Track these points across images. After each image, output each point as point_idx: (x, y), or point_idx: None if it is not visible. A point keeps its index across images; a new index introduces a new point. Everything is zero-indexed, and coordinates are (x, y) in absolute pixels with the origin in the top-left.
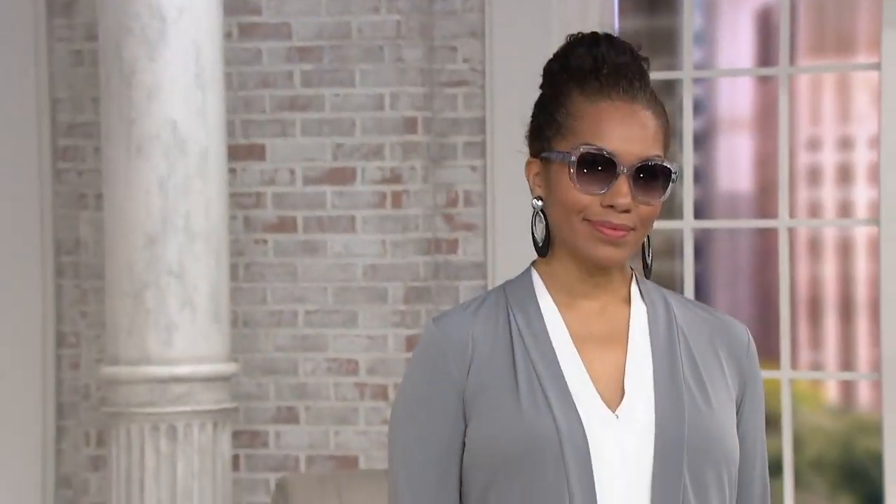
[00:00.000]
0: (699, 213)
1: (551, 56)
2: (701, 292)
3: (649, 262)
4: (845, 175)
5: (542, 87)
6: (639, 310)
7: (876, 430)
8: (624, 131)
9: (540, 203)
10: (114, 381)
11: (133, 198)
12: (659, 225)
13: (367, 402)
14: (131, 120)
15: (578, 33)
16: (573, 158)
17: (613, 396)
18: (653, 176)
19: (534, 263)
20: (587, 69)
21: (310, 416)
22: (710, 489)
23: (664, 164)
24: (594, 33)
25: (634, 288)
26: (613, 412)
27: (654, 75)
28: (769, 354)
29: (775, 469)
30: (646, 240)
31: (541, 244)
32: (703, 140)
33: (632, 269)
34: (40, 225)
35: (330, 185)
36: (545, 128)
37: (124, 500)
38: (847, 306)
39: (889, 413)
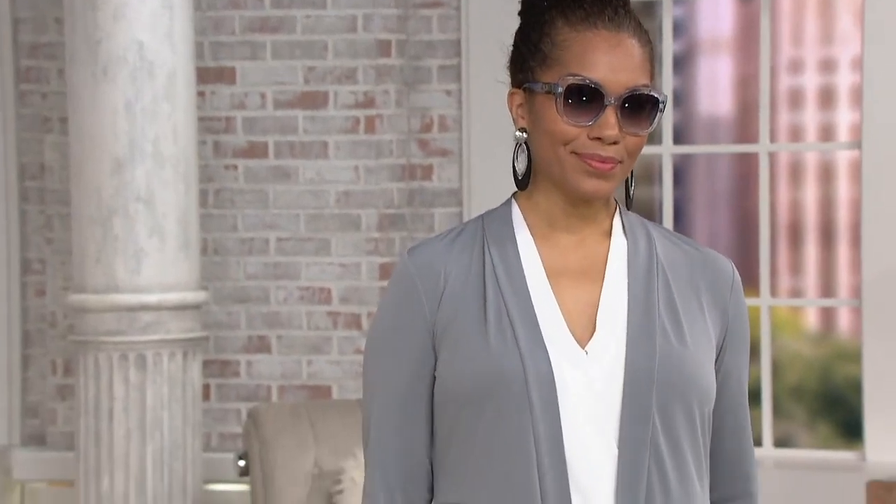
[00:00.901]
0: (678, 138)
1: None
2: (680, 218)
3: (632, 192)
4: (827, 98)
5: (521, 14)
6: (619, 243)
7: (855, 356)
8: (610, 61)
9: (523, 135)
10: (81, 309)
11: (99, 122)
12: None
13: (340, 332)
14: (97, 41)
15: None
16: (559, 90)
17: (585, 332)
18: (640, 106)
19: (515, 195)
20: None
21: (282, 346)
22: (679, 427)
23: (652, 93)
24: None
25: (617, 221)
26: (583, 348)
27: None
28: (749, 281)
29: (754, 397)
30: None
31: (521, 177)
32: (683, 63)
33: (616, 201)
34: (3, 149)
35: (302, 110)
36: (528, 58)
37: (93, 429)
38: (828, 232)
39: (869, 339)
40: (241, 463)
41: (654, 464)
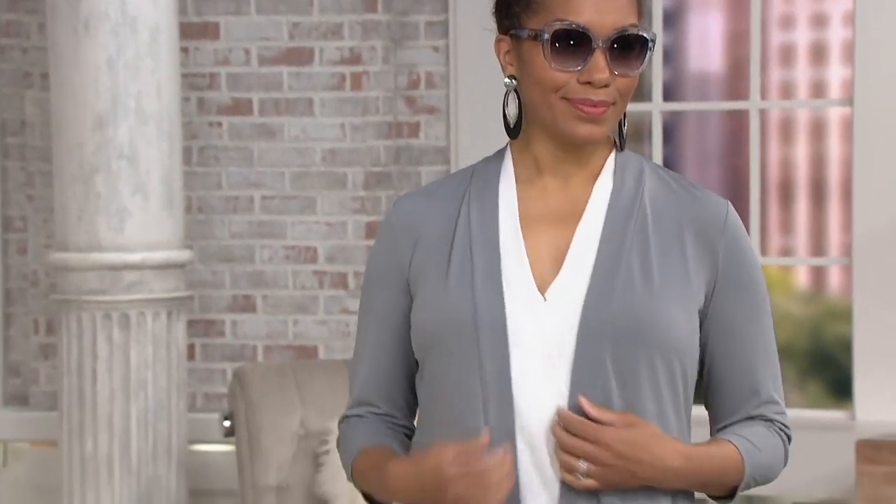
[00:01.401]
0: (668, 95)
1: None
2: None
3: (625, 133)
4: (819, 54)
5: None
6: (604, 185)
7: (846, 315)
8: (596, 2)
9: (513, 82)
10: (63, 268)
11: (81, 78)
12: (627, 107)
13: (326, 291)
14: None
15: None
16: (546, 36)
17: (549, 278)
18: (629, 46)
19: (509, 142)
20: None
21: (267, 305)
22: (640, 378)
23: (640, 33)
24: None
25: (610, 162)
26: (544, 294)
27: None
28: None
29: None
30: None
31: (513, 125)
32: (673, 19)
33: (615, 141)
34: None
35: (287, 66)
36: (513, 4)
37: (76, 389)
38: (819, 189)
39: (859, 298)
40: (227, 423)
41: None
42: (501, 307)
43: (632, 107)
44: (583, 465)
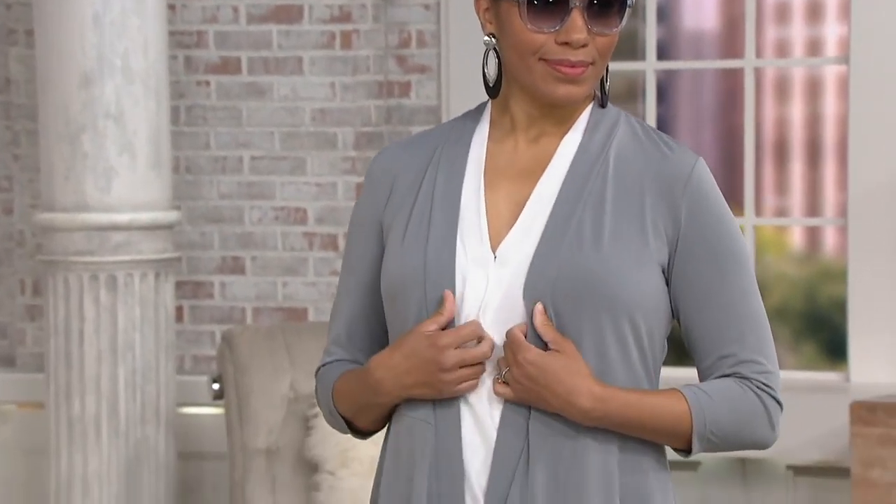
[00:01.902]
0: (662, 54)
1: None
2: None
3: (607, 90)
4: (814, 12)
5: None
6: (572, 140)
7: (841, 276)
8: None
9: (492, 40)
10: (49, 228)
11: (67, 35)
12: (620, 66)
13: (316, 253)
14: None
15: None
16: None
17: (505, 234)
18: (607, 4)
19: (491, 100)
20: None
21: (256, 267)
22: (585, 338)
23: None
24: None
25: (584, 117)
26: (496, 252)
27: None
28: (733, 200)
29: None
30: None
31: (492, 84)
32: None
33: (596, 95)
34: None
35: (276, 24)
36: None
37: (63, 351)
38: (814, 149)
39: (854, 259)
40: (216, 386)
41: None
42: (451, 263)
43: (624, 65)
44: (504, 371)
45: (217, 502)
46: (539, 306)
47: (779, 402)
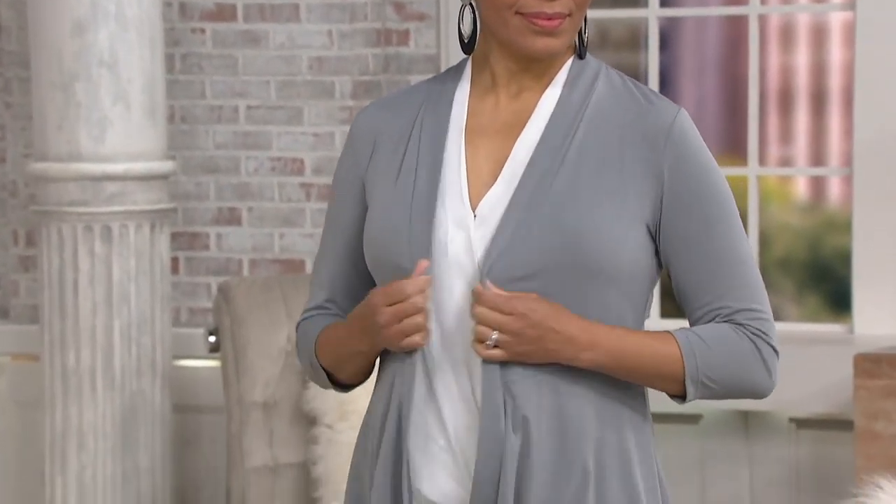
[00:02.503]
0: (664, 1)
1: None
2: (666, 85)
3: (585, 41)
4: None
5: None
6: (552, 95)
7: (846, 226)
8: None
9: None
10: (43, 178)
11: None
12: (621, 14)
13: (313, 204)
14: None
15: None
16: None
17: (485, 192)
18: None
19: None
20: None
21: (253, 218)
22: (563, 298)
23: None
24: None
25: (564, 71)
26: (475, 210)
27: None
28: (737, 150)
29: None
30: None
31: (467, 40)
32: None
33: (577, 48)
34: None
35: None
36: None
37: (57, 302)
38: (819, 98)
39: (859, 209)
40: (212, 339)
41: None
42: (429, 223)
43: (627, 13)
44: (494, 335)
45: (214, 455)
46: (478, 287)
47: (775, 350)
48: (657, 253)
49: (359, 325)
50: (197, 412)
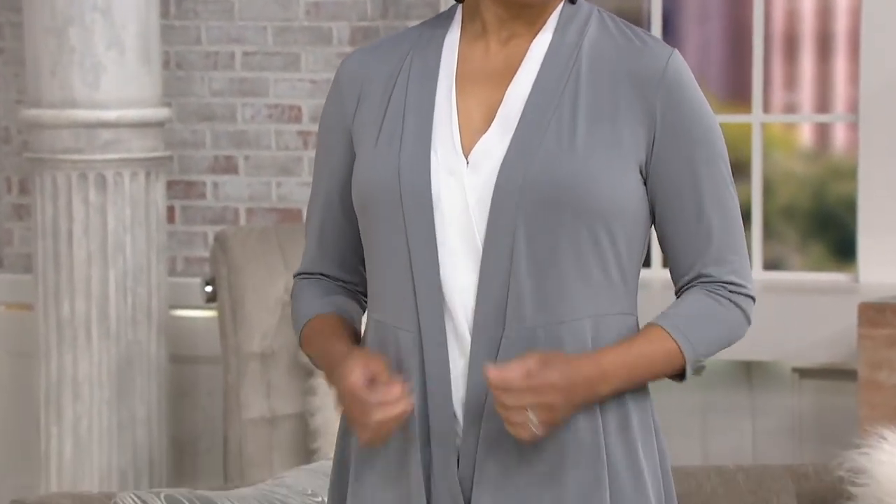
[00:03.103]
0: None
1: None
2: (669, 30)
3: None
4: None
5: None
6: (543, 40)
7: (851, 174)
8: None
9: None
10: (36, 125)
11: None
12: None
13: (310, 152)
14: None
15: None
16: None
17: (476, 140)
18: None
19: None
20: None
21: (249, 166)
22: (557, 244)
23: None
24: None
25: (555, 15)
26: (468, 157)
27: None
28: (741, 96)
29: (744, 218)
30: None
31: None
32: None
33: None
34: None
35: None
36: None
37: (51, 251)
38: (825, 43)
39: (865, 156)
40: (209, 289)
41: (515, 281)
42: (426, 171)
43: None
44: (533, 417)
45: (211, 406)
46: (491, 371)
47: (751, 297)
48: (649, 199)
49: (329, 376)
50: (194, 363)
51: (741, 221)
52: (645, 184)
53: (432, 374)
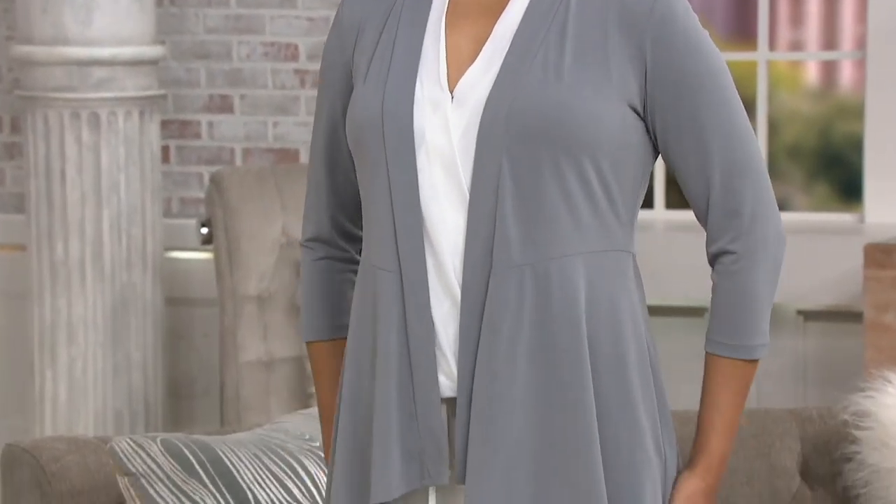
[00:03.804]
0: None
1: None
2: None
3: None
4: None
5: None
6: None
7: (857, 113)
8: None
9: None
10: (27, 62)
11: None
12: None
13: (307, 91)
14: None
15: None
16: None
17: (463, 73)
18: None
19: None
20: None
21: (245, 105)
22: (543, 179)
23: None
24: None
25: None
26: (454, 92)
27: None
28: (746, 34)
29: None
30: None
31: None
32: None
33: None
34: None
35: None
36: None
37: (44, 191)
38: None
39: (872, 94)
40: (204, 230)
41: (501, 218)
42: (409, 105)
43: None
44: None
45: (207, 349)
46: None
47: (781, 239)
48: (652, 137)
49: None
50: (189, 305)
51: (757, 149)
52: (646, 123)
53: (412, 315)
